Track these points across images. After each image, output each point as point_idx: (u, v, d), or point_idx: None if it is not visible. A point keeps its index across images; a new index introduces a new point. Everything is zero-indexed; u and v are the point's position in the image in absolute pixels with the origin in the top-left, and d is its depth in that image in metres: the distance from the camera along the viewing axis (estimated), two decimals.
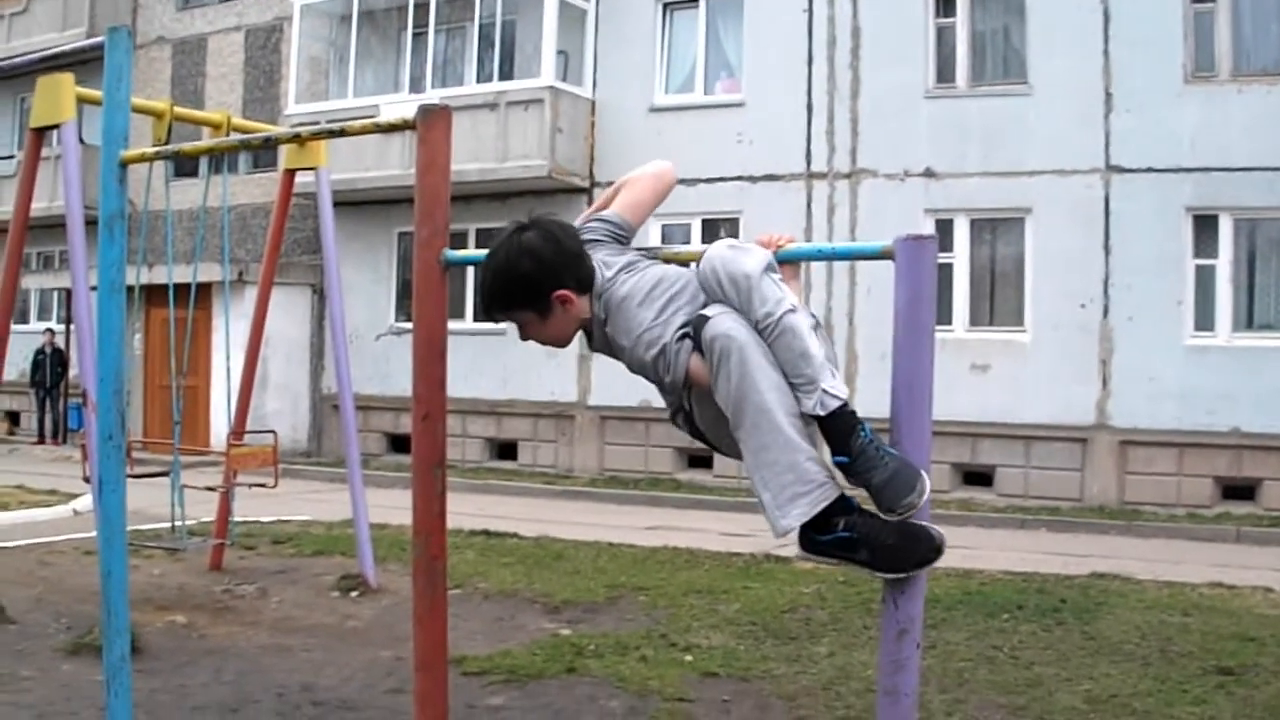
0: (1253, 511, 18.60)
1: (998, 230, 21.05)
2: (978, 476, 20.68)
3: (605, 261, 4.36)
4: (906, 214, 20.34)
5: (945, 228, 20.52)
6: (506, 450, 24.65)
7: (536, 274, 4.18)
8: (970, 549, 14.55)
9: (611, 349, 4.30)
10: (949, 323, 20.35)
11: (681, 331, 4.02)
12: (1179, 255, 19.49)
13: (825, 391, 3.84)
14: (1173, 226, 19.51)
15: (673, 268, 4.37)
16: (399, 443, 24.83)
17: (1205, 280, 19.52)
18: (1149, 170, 19.57)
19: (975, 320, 20.98)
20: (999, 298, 21.11)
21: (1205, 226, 19.53)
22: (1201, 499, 19.11)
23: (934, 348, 3.75)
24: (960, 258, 20.87)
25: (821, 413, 3.84)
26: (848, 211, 21.60)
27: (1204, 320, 19.48)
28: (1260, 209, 19.14)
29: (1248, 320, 19.53)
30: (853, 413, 3.90)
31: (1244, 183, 18.99)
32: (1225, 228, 19.41)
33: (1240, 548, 16.55)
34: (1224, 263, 19.41)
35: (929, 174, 21.06)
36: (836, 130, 21.87)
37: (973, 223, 21.02)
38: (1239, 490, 19.11)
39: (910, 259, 3.72)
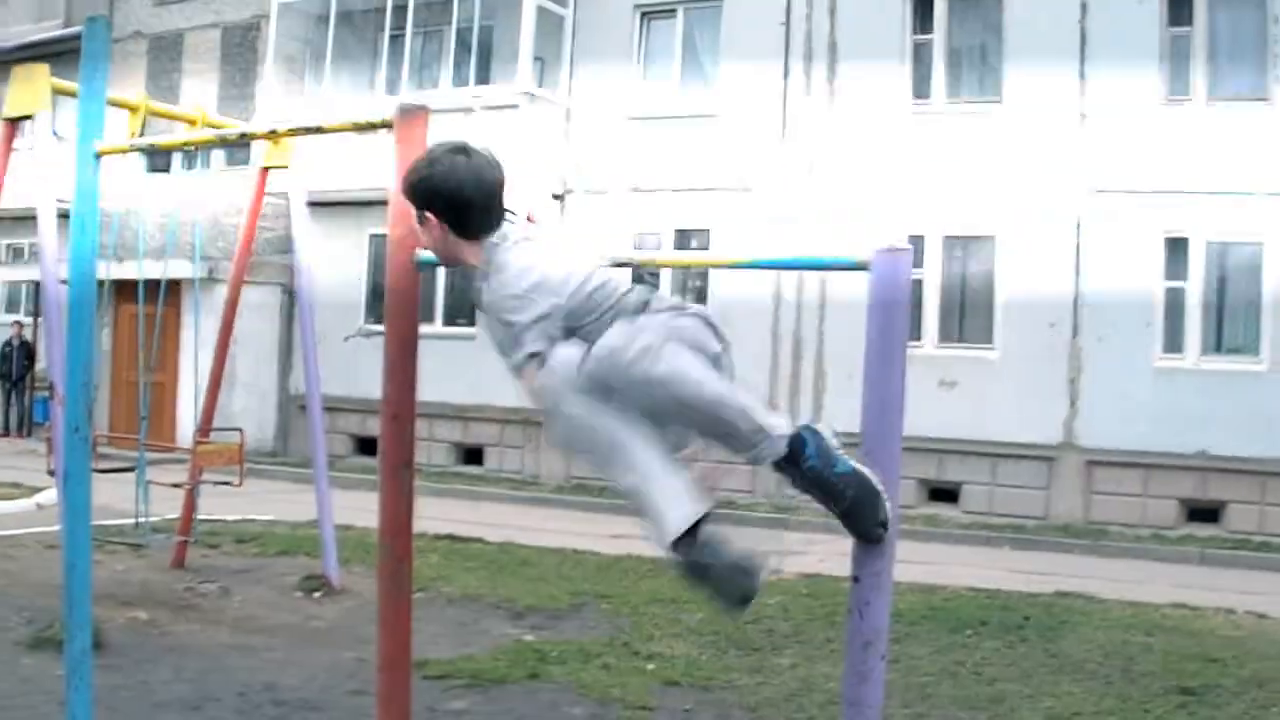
0: (1217, 534, 18.67)
1: (969, 247, 21.10)
2: (944, 493, 20.70)
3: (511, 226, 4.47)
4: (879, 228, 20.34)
5: (917, 243, 20.51)
6: (473, 455, 24.60)
7: (426, 184, 4.38)
8: (935, 565, 14.58)
9: (481, 307, 4.40)
10: (919, 338, 20.37)
11: (530, 352, 4.08)
12: (1150, 277, 19.55)
13: (778, 435, 3.88)
14: (1144, 248, 19.57)
15: (553, 263, 4.33)
16: (365, 444, 24.76)
17: (1175, 303, 19.60)
18: (1122, 191, 19.62)
19: (945, 336, 21.02)
20: (969, 315, 21.13)
21: (1176, 249, 19.61)
22: (1166, 520, 19.17)
23: (905, 359, 3.75)
24: (931, 274, 20.90)
25: (785, 451, 3.88)
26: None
27: (1173, 342, 19.56)
28: (1231, 233, 19.22)
29: (1216, 344, 19.62)
30: (796, 437, 3.95)
31: (1216, 206, 19.06)
32: (1196, 251, 19.49)
33: (1204, 569, 16.60)
34: (1194, 286, 19.49)
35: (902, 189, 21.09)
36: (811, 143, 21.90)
37: (945, 239, 21.06)
38: (1204, 512, 19.17)
39: (885, 271, 3.73)
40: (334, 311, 24.37)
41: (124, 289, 20.98)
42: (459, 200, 4.34)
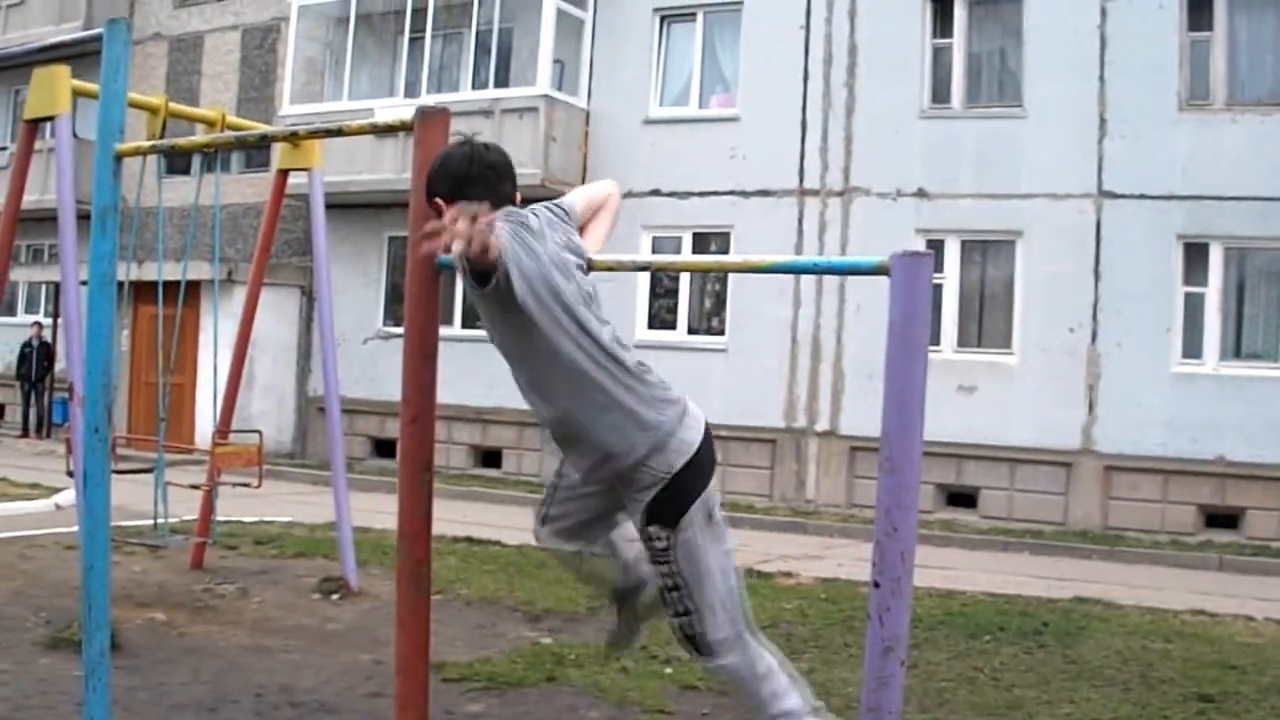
0: (1236, 540, 18.63)
1: (988, 252, 21.08)
2: (962, 497, 20.68)
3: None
4: (898, 233, 20.32)
5: (936, 248, 20.46)
6: (491, 458, 24.62)
7: (432, 170, 4.75)
8: (953, 570, 14.58)
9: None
10: (937, 343, 20.31)
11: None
12: (1169, 282, 19.52)
13: None
14: (1163, 253, 19.54)
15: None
16: (384, 447, 24.81)
17: (1194, 308, 19.55)
18: (1141, 197, 19.61)
19: (964, 341, 21.00)
20: (988, 319, 21.12)
21: (1196, 254, 19.57)
22: (1185, 526, 19.13)
23: (926, 366, 3.73)
24: (950, 279, 20.88)
25: None
26: (839, 229, 21.62)
27: (1192, 348, 19.51)
28: (1251, 238, 19.20)
29: (1235, 349, 19.57)
30: None
31: (1235, 212, 19.04)
32: (1215, 256, 19.45)
33: (1223, 575, 16.56)
34: (1213, 291, 19.44)
35: (921, 194, 21.09)
36: (830, 147, 21.90)
37: (964, 244, 21.05)
38: (1223, 518, 19.13)
39: (906, 275, 3.71)
40: (353, 314, 24.45)
41: (143, 290, 21.07)
42: (456, 173, 4.66)
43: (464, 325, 23.73)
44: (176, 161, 24.78)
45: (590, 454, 4.80)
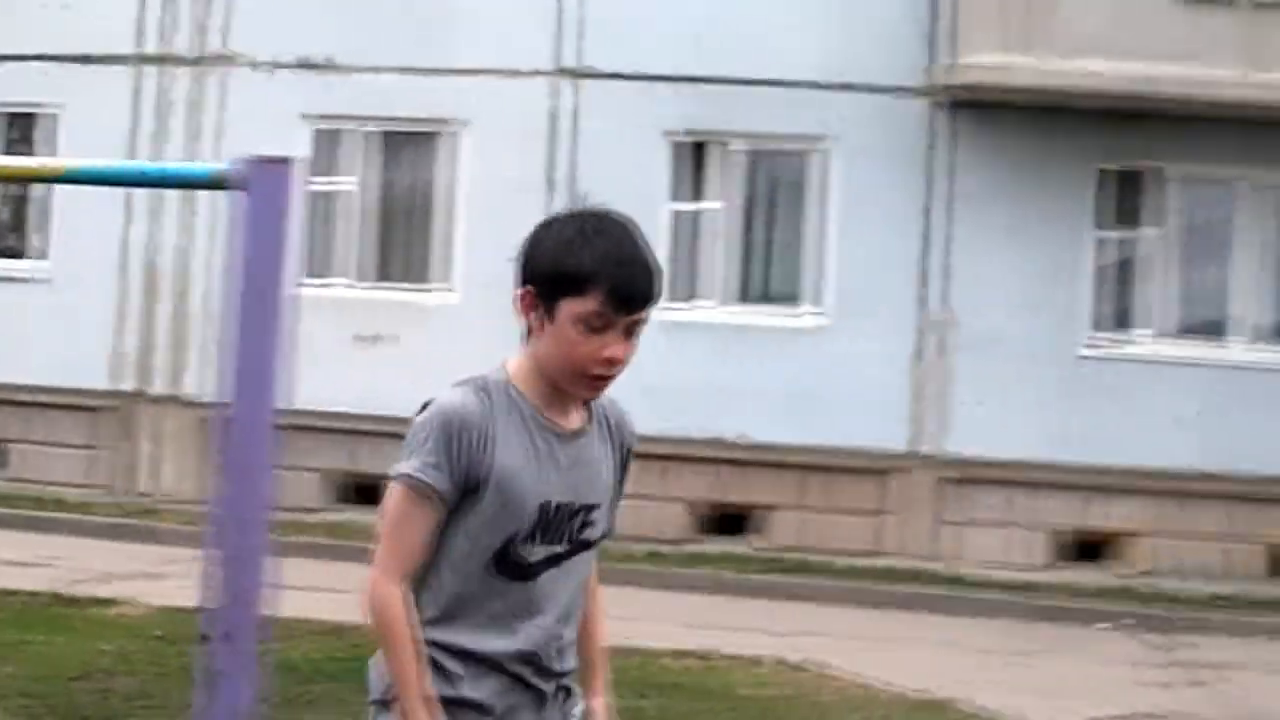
0: (732, 549, 19.20)
1: (418, 147, 20.88)
2: (364, 490, 20.28)
3: None
4: (277, 121, 19.99)
5: (335, 140, 20.38)
6: None
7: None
8: (347, 593, 14.53)
9: None
10: (326, 275, 20.07)
11: None
12: (652, 197, 19.57)
13: None
14: (645, 156, 19.90)
15: None
16: None
17: (685, 233, 19.98)
18: (615, 76, 19.81)
19: (363, 275, 20.75)
20: (415, 245, 20.92)
21: (686, 157, 20.01)
22: (674, 530, 19.56)
23: (289, 306, 3.62)
24: (360, 186, 20.71)
25: None
26: (185, 113, 21.04)
27: (688, 287, 19.91)
28: (765, 137, 19.73)
29: (742, 289, 20.11)
30: None
31: (749, 101, 19.43)
32: (716, 162, 19.89)
33: (720, 600, 16.93)
34: (715, 209, 19.88)
35: (308, 65, 20.71)
36: None
37: (385, 136, 20.84)
38: (729, 521, 19.69)
39: (265, 190, 3.59)
40: None
41: None
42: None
43: None
44: None
45: None
